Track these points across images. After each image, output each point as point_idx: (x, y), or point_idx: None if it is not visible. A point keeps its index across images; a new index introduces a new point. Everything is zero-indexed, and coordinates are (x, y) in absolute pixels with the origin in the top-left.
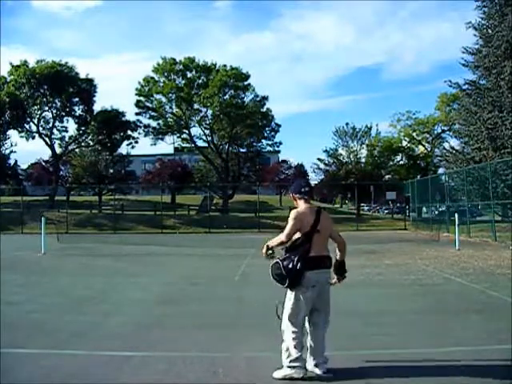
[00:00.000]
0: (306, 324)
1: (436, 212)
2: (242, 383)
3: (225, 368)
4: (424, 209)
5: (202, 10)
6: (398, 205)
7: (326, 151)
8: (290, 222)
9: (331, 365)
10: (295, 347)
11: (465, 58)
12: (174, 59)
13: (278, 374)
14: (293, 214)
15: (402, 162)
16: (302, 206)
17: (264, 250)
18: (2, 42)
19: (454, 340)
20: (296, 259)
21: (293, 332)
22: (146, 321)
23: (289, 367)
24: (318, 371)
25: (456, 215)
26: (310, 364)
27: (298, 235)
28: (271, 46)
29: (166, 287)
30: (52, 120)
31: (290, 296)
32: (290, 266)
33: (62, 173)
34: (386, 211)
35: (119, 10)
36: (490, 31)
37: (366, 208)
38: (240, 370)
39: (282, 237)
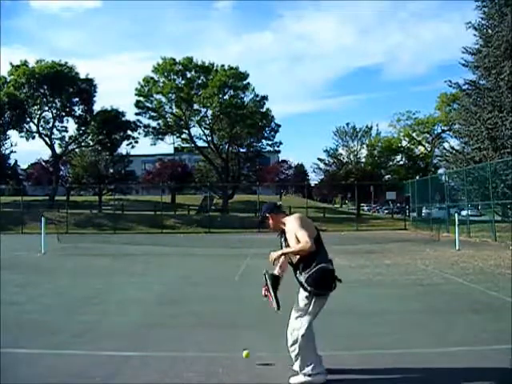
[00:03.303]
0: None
1: (429, 211)
2: (241, 383)
3: (225, 368)
4: (424, 209)
5: (202, 10)
6: (398, 205)
7: (326, 151)
8: (302, 228)
9: (331, 365)
10: (313, 353)
11: (465, 58)
12: (174, 59)
13: (294, 380)
14: (296, 220)
15: (401, 163)
16: (288, 217)
17: (274, 258)
18: (2, 41)
19: (454, 340)
20: (328, 262)
21: (310, 339)
22: (145, 321)
23: (309, 375)
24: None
25: (456, 215)
26: None
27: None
28: (271, 47)
29: (166, 287)
30: (52, 120)
31: (313, 303)
32: (328, 271)
33: (62, 173)
34: (385, 211)
35: (119, 10)
36: (489, 31)
37: (366, 208)
38: (240, 370)
39: (304, 246)
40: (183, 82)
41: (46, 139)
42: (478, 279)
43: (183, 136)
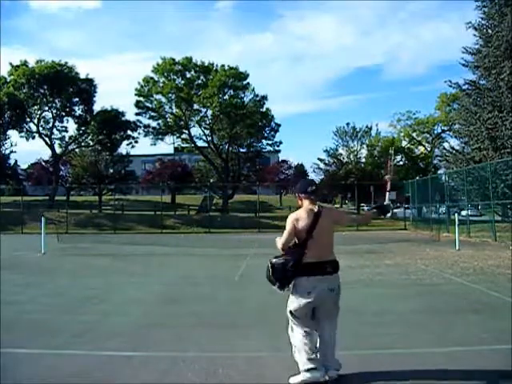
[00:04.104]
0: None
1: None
2: (241, 383)
3: (225, 368)
4: (424, 208)
5: (202, 10)
6: (398, 204)
7: (326, 151)
8: (287, 228)
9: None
10: (307, 349)
11: (465, 57)
12: (174, 59)
13: (294, 380)
14: (289, 219)
15: (401, 163)
16: (305, 206)
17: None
18: (2, 41)
19: (454, 340)
20: (290, 264)
21: (300, 334)
22: (145, 321)
23: (306, 371)
24: (325, 377)
25: (456, 215)
26: None
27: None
28: (272, 47)
29: (166, 287)
30: (52, 120)
31: (290, 299)
32: (281, 269)
33: (62, 173)
34: None
35: (119, 10)
36: (489, 31)
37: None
38: (240, 370)
39: (279, 246)
40: (183, 82)
41: (46, 139)
42: (478, 279)
43: (183, 136)
